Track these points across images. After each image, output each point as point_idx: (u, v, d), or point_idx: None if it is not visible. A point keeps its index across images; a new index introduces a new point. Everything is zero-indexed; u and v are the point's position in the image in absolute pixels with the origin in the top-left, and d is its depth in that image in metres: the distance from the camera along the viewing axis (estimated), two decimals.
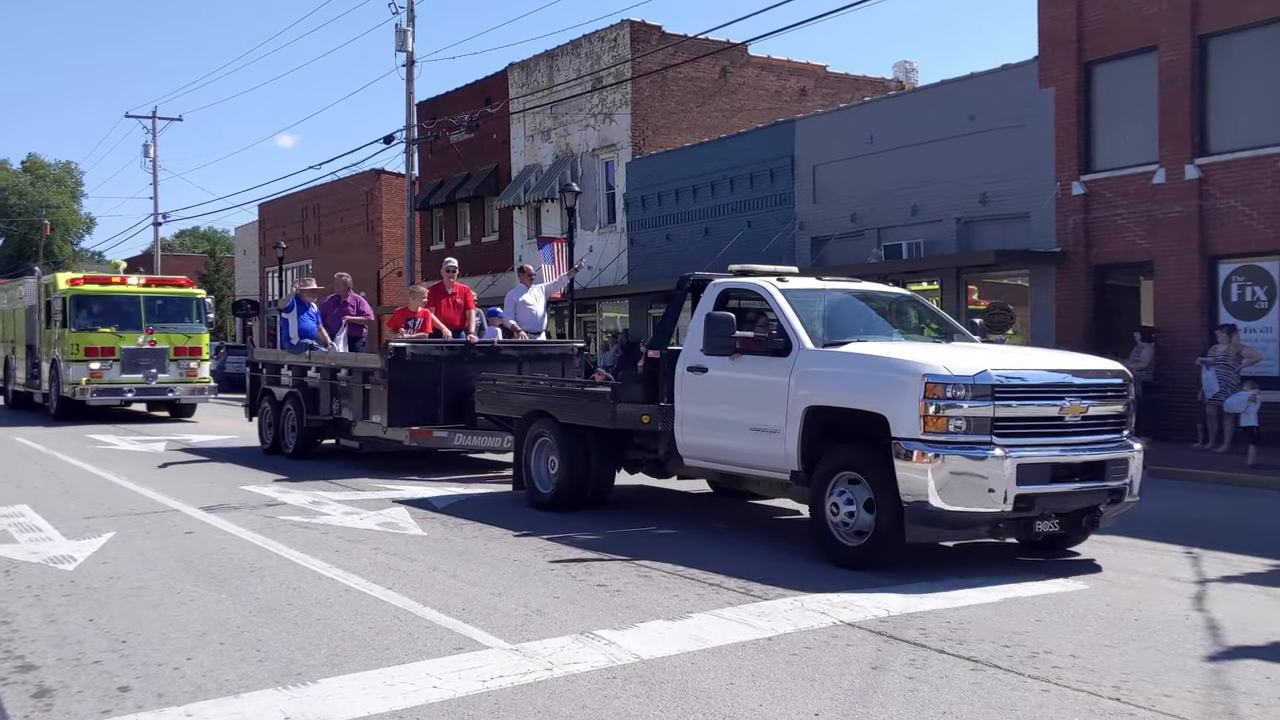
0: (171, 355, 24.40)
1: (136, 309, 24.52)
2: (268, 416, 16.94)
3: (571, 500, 10.95)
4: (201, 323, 25.34)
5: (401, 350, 13.86)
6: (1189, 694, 5.39)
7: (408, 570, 8.27)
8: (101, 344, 23.77)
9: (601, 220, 33.26)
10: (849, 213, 24.78)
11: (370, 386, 14.35)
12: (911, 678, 5.65)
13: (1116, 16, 19.77)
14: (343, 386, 15.10)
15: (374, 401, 14.28)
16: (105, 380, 23.67)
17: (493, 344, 14.80)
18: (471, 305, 15.45)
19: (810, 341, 8.84)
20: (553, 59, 34.98)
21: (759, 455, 9.16)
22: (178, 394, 24.63)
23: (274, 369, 17.06)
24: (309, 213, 50.71)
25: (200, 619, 6.87)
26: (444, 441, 13.88)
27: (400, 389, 13.83)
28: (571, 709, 5.19)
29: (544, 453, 11.35)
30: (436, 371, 14.05)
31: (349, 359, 15.35)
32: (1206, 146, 18.61)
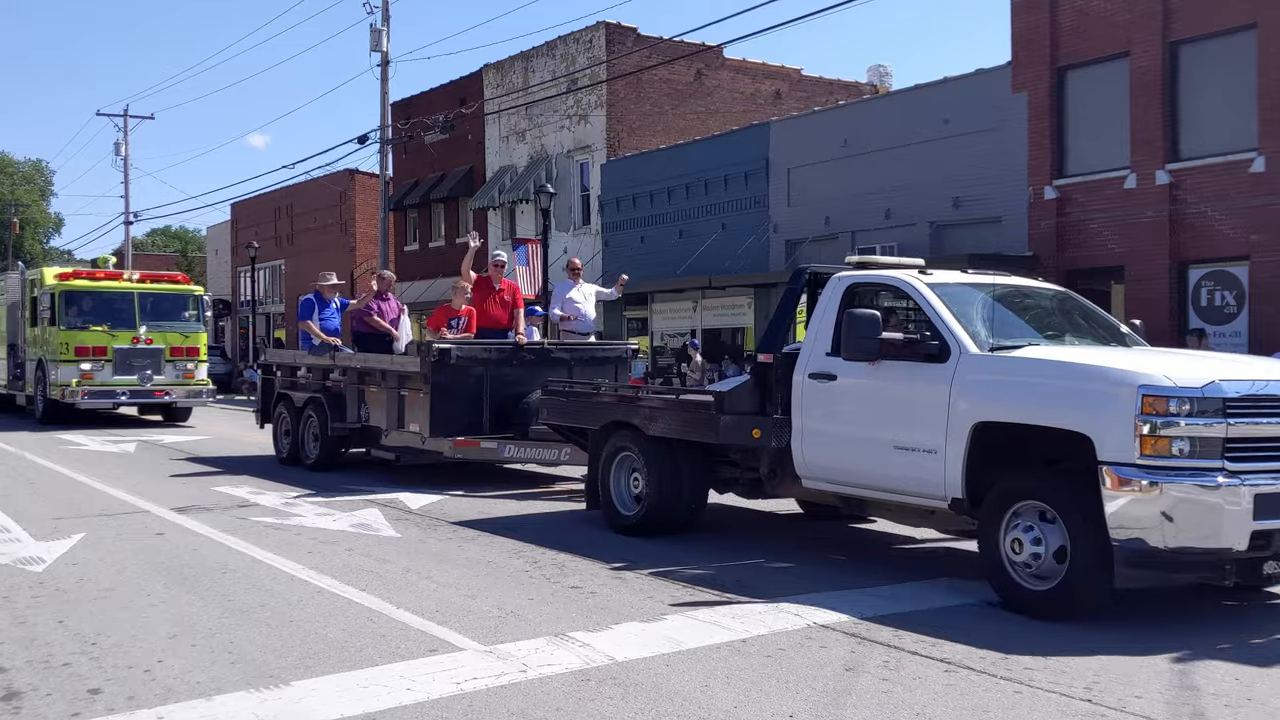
0: (167, 356, 22.86)
1: (130, 306, 22.87)
2: (284, 423, 15.56)
3: (661, 524, 9.63)
4: (199, 321, 23.84)
5: (446, 353, 12.51)
6: (1159, 694, 5.44)
7: (381, 572, 8.23)
8: (93, 343, 22.20)
9: (576, 222, 33.25)
10: (823, 216, 24.86)
11: (407, 392, 13.09)
12: (885, 679, 5.67)
13: (1089, 22, 19.93)
14: (373, 392, 13.83)
15: (412, 408, 13.03)
16: (97, 382, 22.11)
17: (543, 346, 13.65)
18: (520, 304, 14.02)
19: (974, 345, 7.57)
20: (528, 60, 34.94)
21: (905, 478, 7.80)
22: (174, 397, 23.06)
23: (290, 372, 15.83)
24: (282, 212, 50.39)
25: (171, 621, 6.82)
26: (492, 454, 12.61)
27: (443, 395, 12.56)
28: (545, 711, 5.18)
29: (625, 469, 10.02)
30: (482, 376, 12.83)
31: (382, 361, 13.71)
32: (1177, 152, 18.79)
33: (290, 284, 48.23)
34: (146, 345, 22.64)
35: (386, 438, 13.48)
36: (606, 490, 10.12)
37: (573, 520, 10.74)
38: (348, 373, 14.24)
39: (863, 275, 8.87)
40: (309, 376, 15.14)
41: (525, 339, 13.52)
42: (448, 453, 12.58)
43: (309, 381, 15.11)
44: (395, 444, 13.42)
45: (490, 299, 13.80)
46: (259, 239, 47.25)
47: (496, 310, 13.78)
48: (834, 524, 10.57)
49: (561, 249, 32.15)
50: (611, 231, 31.44)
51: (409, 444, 13.16)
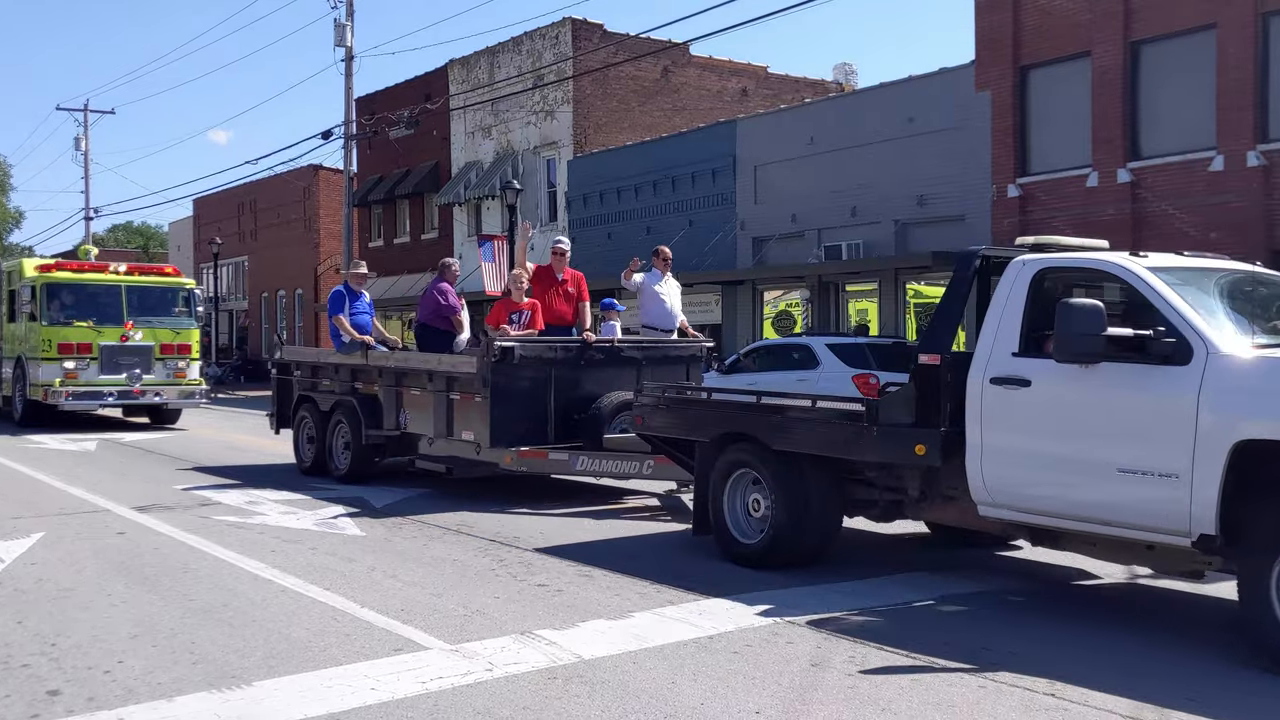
0: (157, 353, 21.22)
1: (117, 300, 21.17)
2: (307, 429, 14.10)
3: (790, 553, 8.18)
4: (191, 316, 22.16)
5: (509, 352, 11.15)
6: (1122, 689, 5.48)
7: (346, 571, 8.18)
8: (77, 340, 20.51)
9: (543, 218, 33.16)
10: (789, 213, 24.93)
11: (460, 395, 11.62)
12: (851, 675, 5.68)
13: (1051, 22, 20.10)
14: (414, 395, 12.39)
15: (465, 414, 11.57)
16: (81, 382, 20.45)
17: (613, 343, 12.22)
18: (586, 296, 12.66)
19: (1224, 344, 6.18)
20: (494, 56, 34.82)
21: (1130, 508, 6.36)
22: (165, 398, 21.40)
23: (312, 371, 14.44)
24: (245, 208, 49.99)
25: (132, 621, 6.74)
26: (561, 467, 11.22)
27: (504, 399, 11.17)
28: (512, 710, 5.16)
29: (742, 489, 8.54)
30: (546, 378, 11.50)
31: (428, 361, 12.24)
32: (1138, 151, 18.99)
33: (254, 280, 47.90)
34: (135, 342, 21.05)
35: (431, 446, 12.15)
36: (719, 513, 8.60)
37: (680, 546, 9.26)
38: (384, 374, 12.81)
39: (1055, 259, 7.47)
40: (337, 377, 13.72)
41: (594, 336, 12.12)
42: (509, 465, 11.10)
43: (337, 383, 13.72)
44: (441, 453, 12.06)
45: (552, 292, 12.43)
46: (222, 235, 46.84)
47: (560, 304, 12.43)
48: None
49: (529, 245, 32.03)
50: (578, 228, 31.38)
51: (460, 454, 11.74)
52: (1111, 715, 5.11)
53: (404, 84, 38.89)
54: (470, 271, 33.15)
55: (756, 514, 8.41)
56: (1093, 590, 7.84)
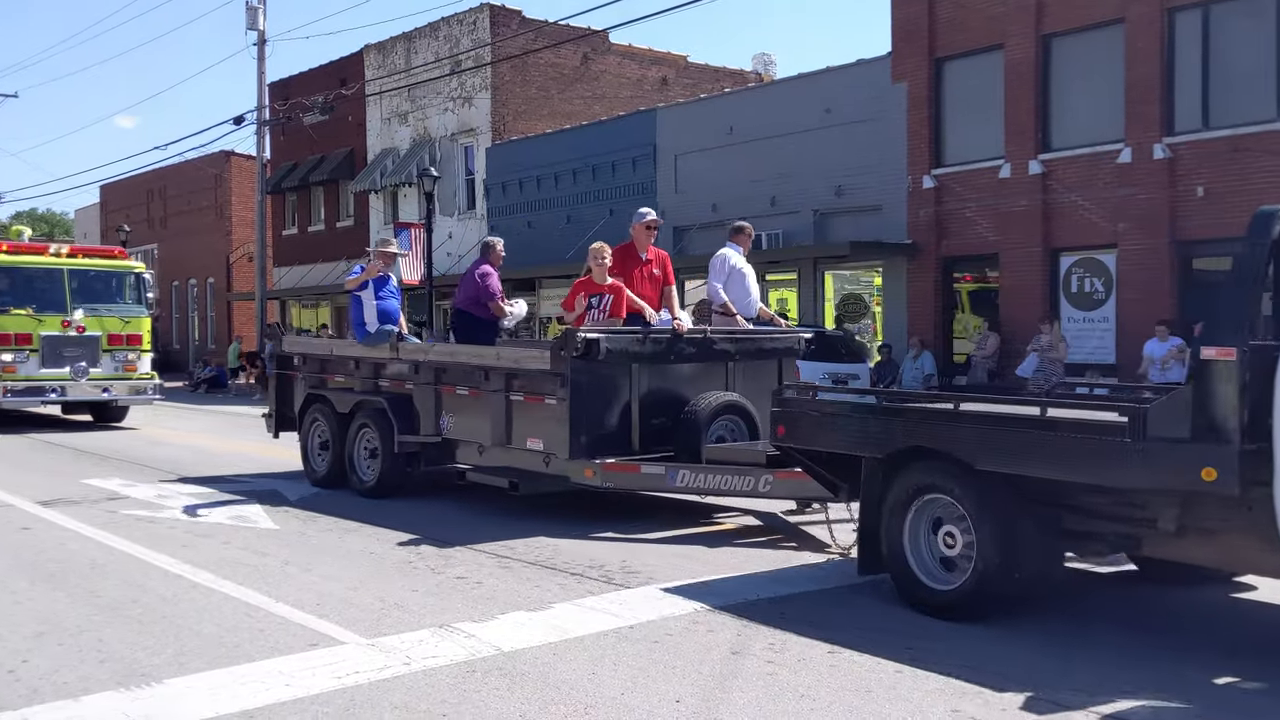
0: (105, 344, 19.29)
1: (59, 286, 19.16)
2: (319, 434, 12.15)
3: (999, 599, 6.55)
4: (141, 303, 20.20)
5: (595, 344, 9.25)
6: (1037, 673, 5.58)
7: (259, 565, 8.03)
8: (15, 330, 18.55)
9: (461, 206, 32.88)
10: (710, 202, 25.00)
11: (525, 396, 9.87)
12: (770, 661, 5.72)
13: (966, 14, 20.38)
14: (460, 395, 10.59)
15: (532, 418, 9.81)
16: (20, 376, 18.48)
17: (705, 334, 10.23)
18: (672, 278, 10.86)
19: None
20: (410, 41, 34.39)
21: None
22: (115, 393, 19.46)
23: (321, 366, 12.48)
24: (154, 195, 48.80)
25: (36, 619, 6.54)
26: (656, 482, 9.30)
27: (588, 401, 9.41)
28: (430, 704, 5.10)
29: (926, 518, 6.83)
30: (630, 375, 9.68)
31: (483, 356, 10.42)
32: (1049, 143, 19.36)
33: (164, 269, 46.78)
34: (79, 332, 19.05)
35: (483, 455, 10.30)
36: (897, 549, 6.85)
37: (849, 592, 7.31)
38: (421, 370, 10.99)
39: None
40: (358, 373, 11.85)
41: (685, 325, 10.22)
42: (589, 479, 9.27)
43: (358, 380, 11.87)
44: (495, 464, 10.18)
45: (634, 273, 10.55)
46: (130, 222, 45.64)
47: (644, 287, 10.56)
48: (728, 513, 10.02)
49: (446, 234, 31.77)
50: (497, 216, 31.17)
51: (523, 465, 9.89)
52: (1029, 695, 5.20)
53: (319, 69, 38.25)
54: None
55: (951, 550, 6.70)
56: None
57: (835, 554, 8.26)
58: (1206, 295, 18.00)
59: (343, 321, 37.04)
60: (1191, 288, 17.85)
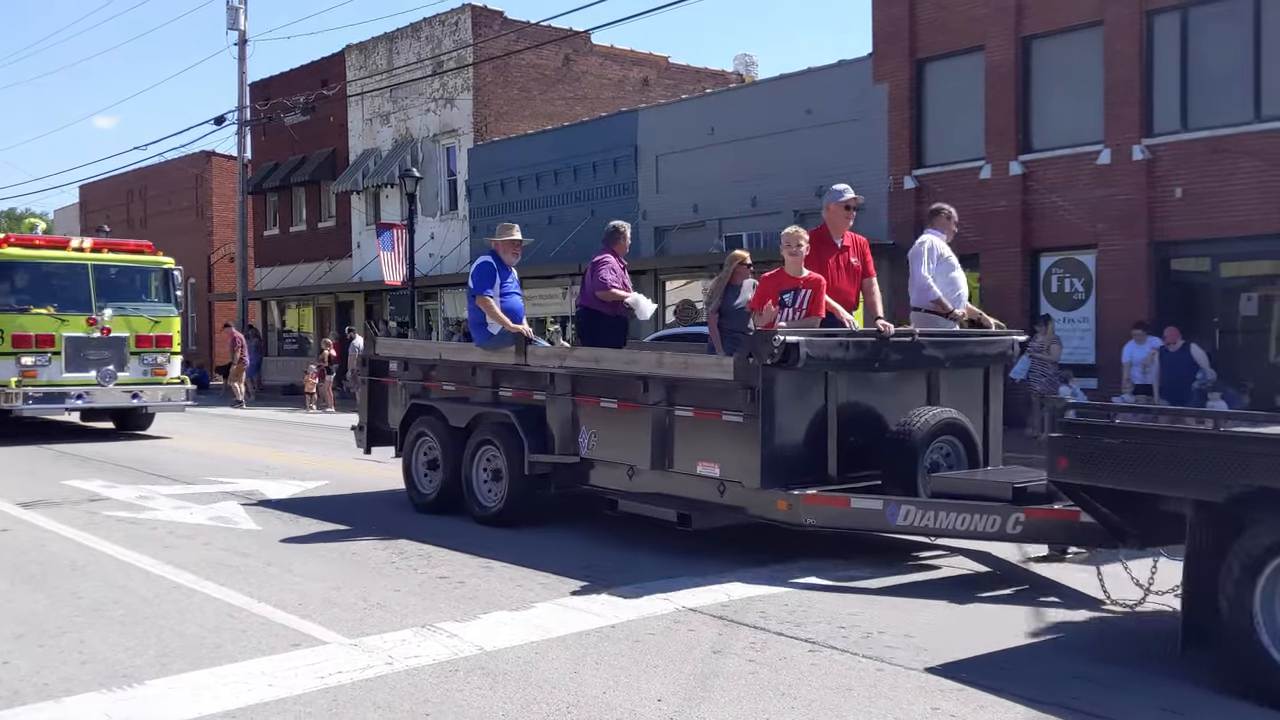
0: (132, 346, 17.83)
1: (82, 282, 17.68)
2: (426, 451, 10.53)
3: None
4: (171, 302, 18.74)
5: (794, 349, 7.71)
6: (1018, 671, 5.63)
7: (241, 566, 8.02)
8: (36, 330, 17.05)
9: (443, 207, 32.83)
10: (691, 203, 25.04)
11: (695, 410, 8.30)
12: (752, 660, 5.75)
13: (947, 16, 20.47)
14: (605, 409, 9.03)
15: (703, 438, 8.26)
16: (41, 381, 17.00)
17: (913, 337, 8.64)
18: (872, 269, 9.36)
19: None
20: (392, 41, 34.31)
21: None
22: (145, 399, 18.00)
23: (428, 372, 10.90)
24: (135, 195, 48.54)
25: (17, 620, 6.53)
26: (871, 519, 7.62)
27: (782, 418, 7.90)
28: (413, 703, 5.11)
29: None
30: (828, 386, 8.16)
31: (642, 363, 8.83)
32: (1029, 144, 19.46)
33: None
34: (105, 334, 17.64)
35: (633, 479, 8.76)
36: (1247, 626, 5.27)
37: None
38: (557, 378, 9.43)
39: None
40: (474, 381, 10.27)
41: (890, 327, 8.58)
42: (784, 514, 7.70)
43: (475, 389, 10.27)
44: (650, 490, 8.62)
45: (829, 262, 8.99)
46: (110, 223, 45.24)
47: (841, 279, 9.05)
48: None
49: (429, 235, 31.71)
50: (479, 217, 31.12)
51: (689, 493, 8.33)
52: (1007, 694, 5.24)
53: (300, 69, 38.10)
54: (369, 261, 32.72)
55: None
56: (986, 580, 8.02)
57: (1116, 610, 6.81)
58: (1184, 295, 18.18)
59: (325, 322, 36.96)
60: (1169, 288, 17.98)
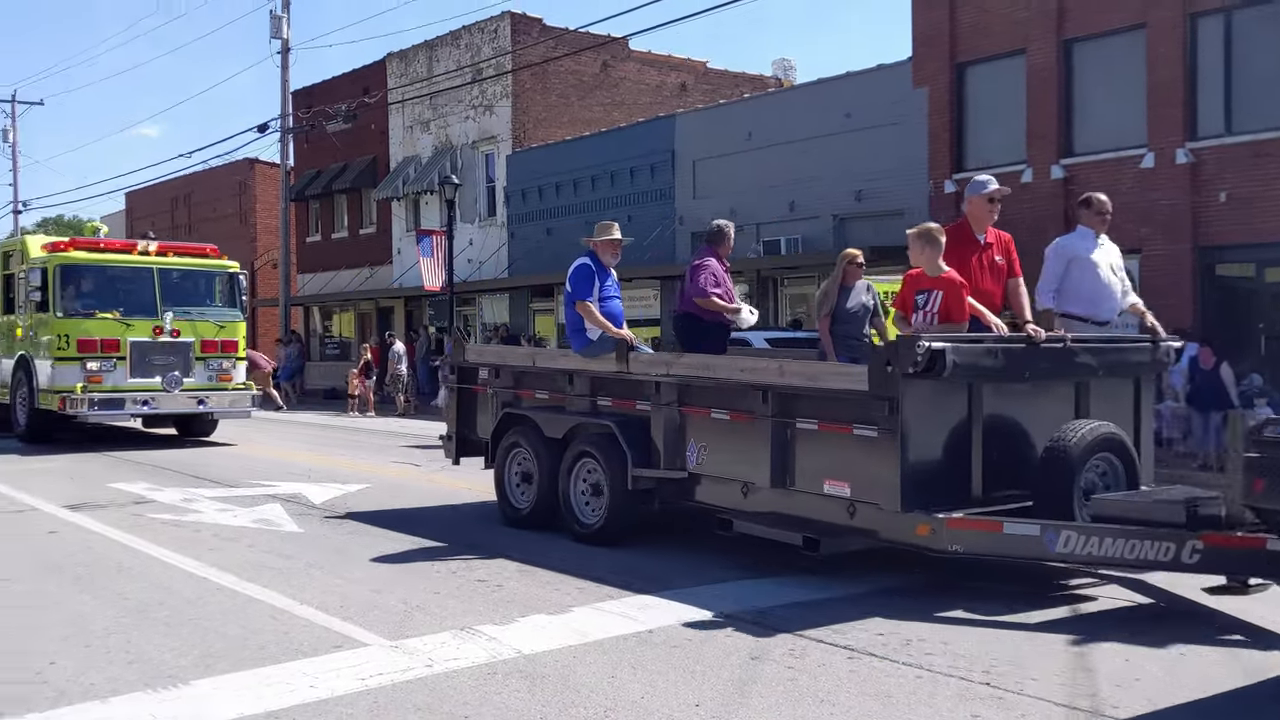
0: (198, 351, 17.35)
1: (148, 286, 17.25)
2: (519, 463, 9.96)
3: None
4: (235, 306, 18.28)
5: (939, 357, 6.95)
6: (1054, 677, 5.59)
7: (284, 568, 8.10)
8: (102, 335, 16.61)
9: (482, 213, 33.01)
10: (728, 208, 24.95)
11: (821, 424, 7.52)
12: (790, 667, 5.74)
13: (988, 19, 20.37)
14: (718, 419, 8.27)
15: (833, 454, 7.47)
16: (106, 387, 16.52)
17: (1065, 343, 7.90)
18: (1019, 269, 8.70)
19: None
20: (432, 49, 34.56)
21: None
22: (211, 405, 17.48)
23: (520, 380, 10.27)
24: (179, 202, 49.18)
25: (64, 621, 6.63)
26: (1028, 546, 6.85)
27: (925, 433, 7.19)
28: (452, 705, 5.15)
29: None
30: (971, 398, 7.41)
31: (757, 370, 8.08)
32: (1071, 148, 19.32)
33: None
34: (172, 338, 17.12)
35: (748, 497, 8.01)
36: None
37: None
38: (663, 387, 8.69)
39: None
40: (571, 390, 9.63)
41: (1040, 332, 7.77)
42: (926, 539, 6.96)
43: (571, 398, 9.64)
44: (768, 509, 7.91)
45: (971, 261, 8.29)
46: (155, 229, 45.79)
47: (985, 280, 8.33)
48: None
49: (467, 240, 31.89)
50: (517, 223, 31.28)
51: (814, 514, 7.61)
52: (1045, 704, 5.20)
53: (341, 77, 38.48)
54: (409, 267, 32.95)
55: None
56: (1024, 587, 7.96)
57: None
58: (1229, 301, 17.95)
59: (366, 327, 37.24)
60: (1214, 293, 17.77)
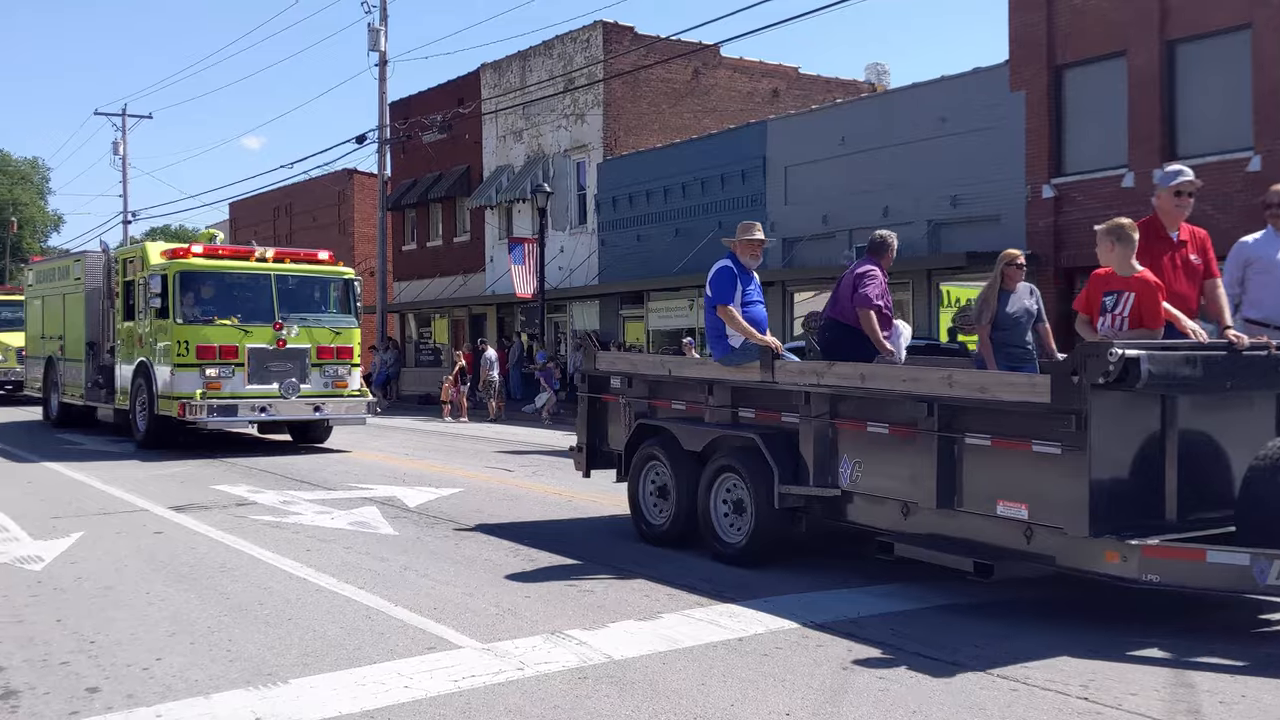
0: (314, 358, 17.37)
1: (265, 293, 17.34)
2: (654, 477, 9.44)
3: None
4: (350, 313, 18.24)
5: (1133, 366, 6.30)
6: (1154, 692, 5.45)
7: (379, 570, 8.24)
8: (220, 341, 16.70)
9: (573, 221, 33.25)
10: (820, 214, 24.88)
11: (994, 439, 6.85)
12: (882, 678, 5.68)
13: (1086, 21, 19.96)
14: (875, 433, 7.68)
15: (1007, 472, 6.79)
16: (225, 394, 16.59)
17: (1270, 351, 7.06)
18: (1215, 268, 7.97)
19: None
20: (525, 59, 34.94)
21: None
22: (327, 412, 17.44)
23: (654, 389, 9.78)
24: (280, 212, 50.43)
25: (169, 619, 6.83)
26: (1230, 579, 6.15)
27: (1115, 450, 6.54)
28: (543, 709, 5.19)
29: None
30: (1164, 412, 6.76)
31: (919, 379, 7.36)
32: (1175, 150, 18.81)
33: None
34: (289, 345, 17.18)
35: (908, 518, 7.37)
36: None
37: None
38: (813, 398, 8.06)
39: None
40: (710, 400, 9.04)
41: (1242, 338, 7.03)
42: (1117, 567, 6.28)
43: (710, 409, 9.05)
44: (931, 531, 7.23)
45: (1163, 260, 7.65)
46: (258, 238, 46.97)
47: (1178, 281, 7.64)
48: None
49: (558, 248, 32.14)
50: (608, 230, 31.44)
51: (985, 538, 6.92)
52: (1144, 719, 5.07)
53: (437, 88, 39.10)
54: (501, 274, 33.32)
55: None
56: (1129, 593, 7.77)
57: None
58: None
59: (459, 334, 37.74)
60: None
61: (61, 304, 21.56)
